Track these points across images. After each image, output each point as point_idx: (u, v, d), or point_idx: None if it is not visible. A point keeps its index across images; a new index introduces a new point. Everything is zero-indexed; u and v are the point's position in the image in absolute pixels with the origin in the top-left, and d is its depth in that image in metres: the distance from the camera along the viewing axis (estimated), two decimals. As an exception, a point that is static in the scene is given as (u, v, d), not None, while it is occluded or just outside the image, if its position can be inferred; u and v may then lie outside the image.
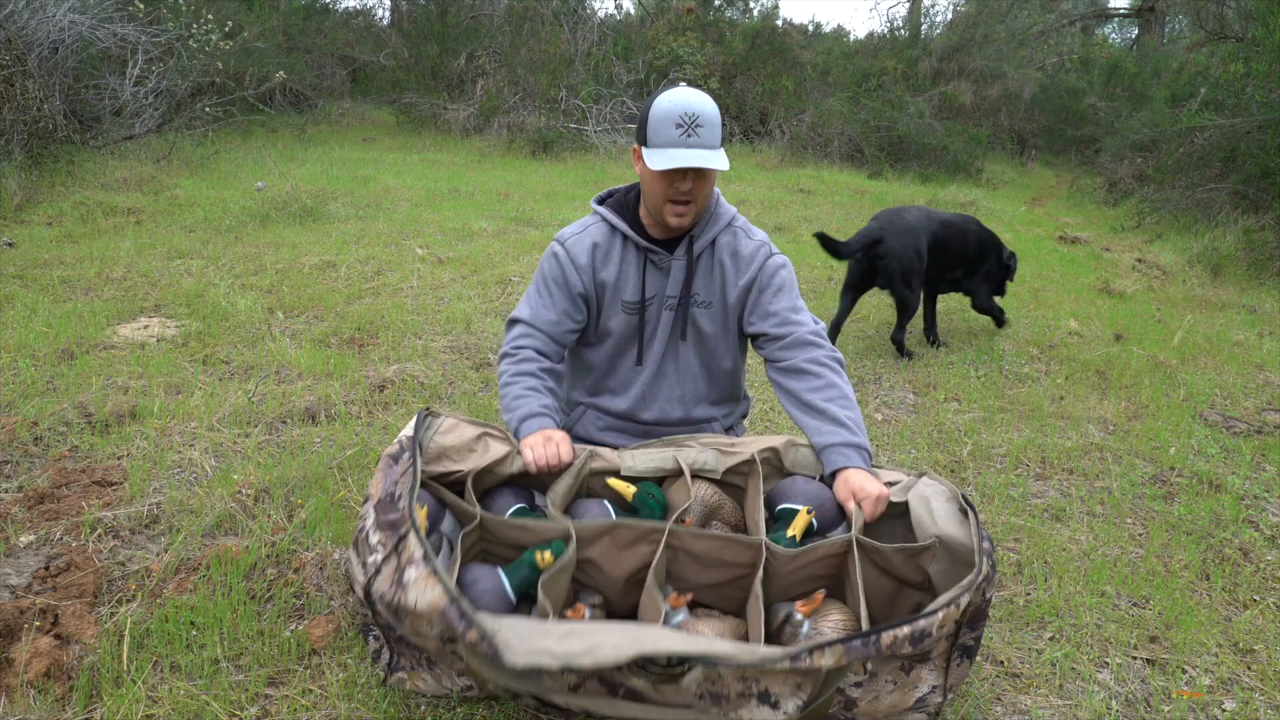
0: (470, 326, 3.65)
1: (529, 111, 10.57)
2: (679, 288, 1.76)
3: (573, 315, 1.79)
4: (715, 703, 1.28)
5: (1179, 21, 18.08)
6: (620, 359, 1.84)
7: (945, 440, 2.87)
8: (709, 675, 1.27)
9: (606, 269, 1.76)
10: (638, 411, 1.85)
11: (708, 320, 1.80)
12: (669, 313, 1.78)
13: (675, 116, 1.58)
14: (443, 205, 6.47)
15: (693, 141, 1.58)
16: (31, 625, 1.58)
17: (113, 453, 2.33)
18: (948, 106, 12.63)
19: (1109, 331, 4.32)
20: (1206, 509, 2.45)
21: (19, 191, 5.28)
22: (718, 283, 1.78)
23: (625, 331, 1.80)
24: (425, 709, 1.50)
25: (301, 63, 11.62)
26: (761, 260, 1.78)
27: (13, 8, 6.38)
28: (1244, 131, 7.30)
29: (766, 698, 1.27)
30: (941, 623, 1.27)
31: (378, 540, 1.38)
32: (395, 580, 1.33)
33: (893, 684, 1.37)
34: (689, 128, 1.58)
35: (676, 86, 1.64)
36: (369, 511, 1.44)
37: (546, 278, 1.79)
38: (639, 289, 1.77)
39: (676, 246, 1.77)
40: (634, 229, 1.77)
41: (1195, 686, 1.70)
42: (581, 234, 1.79)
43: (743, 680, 1.27)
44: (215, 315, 3.51)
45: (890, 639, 1.24)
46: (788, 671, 1.25)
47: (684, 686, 1.27)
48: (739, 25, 13.40)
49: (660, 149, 1.59)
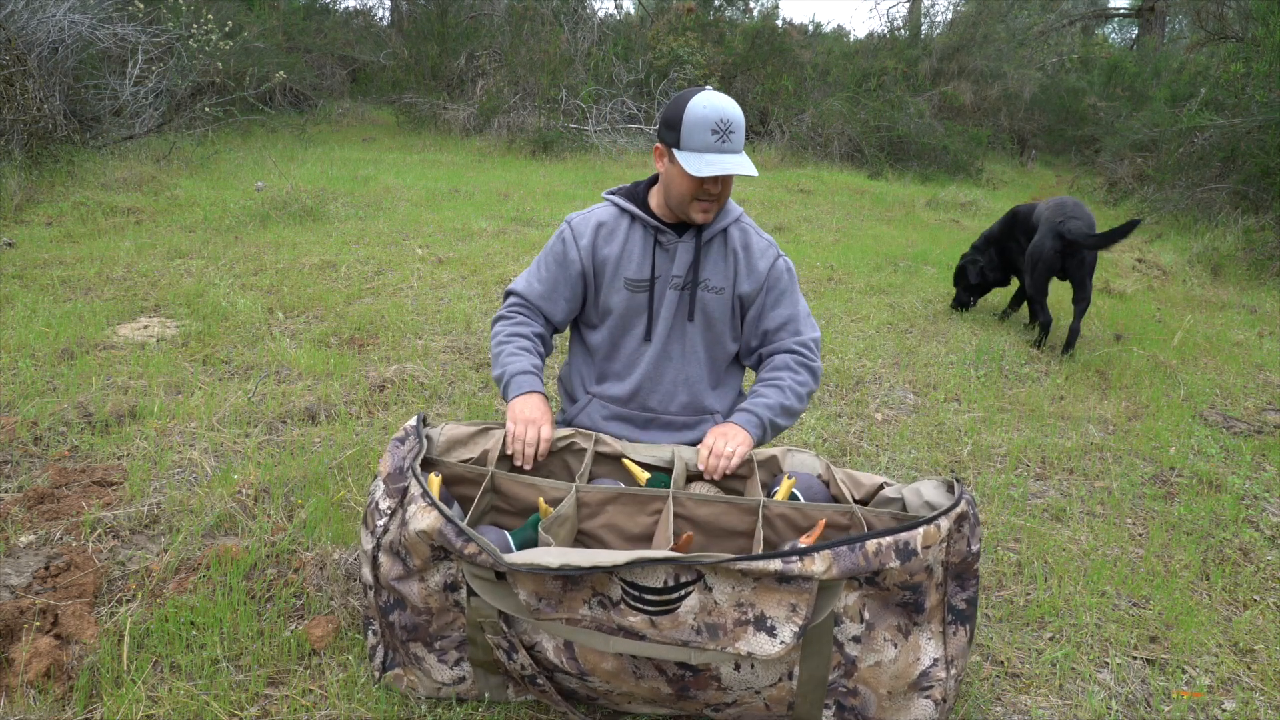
0: (470, 326, 3.65)
1: (529, 111, 10.57)
2: (685, 269, 1.80)
3: (563, 291, 1.85)
4: (712, 635, 1.30)
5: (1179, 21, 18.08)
6: (623, 339, 1.87)
7: (945, 440, 2.87)
8: (705, 604, 1.30)
9: (609, 246, 1.82)
10: (642, 395, 1.86)
11: (717, 306, 1.84)
12: (674, 292, 1.81)
13: (711, 122, 1.63)
14: (443, 205, 6.47)
15: (727, 147, 1.64)
16: (31, 625, 1.58)
17: (113, 453, 2.33)
18: (948, 106, 12.63)
19: (1109, 331, 4.32)
20: (1206, 509, 2.45)
21: (19, 191, 5.28)
22: (731, 270, 1.84)
23: (627, 310, 1.83)
24: (425, 709, 1.50)
25: (301, 63, 11.62)
26: (772, 260, 1.85)
27: (13, 8, 6.38)
28: (1244, 131, 7.30)
29: (762, 623, 1.29)
30: (924, 540, 1.31)
31: (386, 505, 1.45)
32: (400, 525, 1.40)
33: (893, 646, 1.38)
34: (724, 134, 1.63)
35: (704, 90, 1.67)
36: (378, 485, 1.49)
37: (548, 253, 1.87)
38: (645, 267, 1.81)
39: (685, 231, 1.82)
40: (643, 211, 1.83)
41: (1195, 686, 1.70)
42: (589, 214, 1.87)
43: (738, 606, 1.29)
44: (215, 315, 3.51)
45: (875, 546, 1.30)
46: (780, 588, 1.28)
47: (680, 618, 1.30)
48: (739, 25, 13.40)
49: (696, 153, 1.64)
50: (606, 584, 1.32)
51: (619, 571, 1.28)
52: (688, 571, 1.30)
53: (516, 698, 1.51)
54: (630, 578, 1.30)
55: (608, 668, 1.36)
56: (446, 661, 1.47)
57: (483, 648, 1.44)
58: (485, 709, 1.51)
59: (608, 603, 1.32)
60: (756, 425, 1.73)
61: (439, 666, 1.47)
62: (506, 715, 1.51)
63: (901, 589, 1.36)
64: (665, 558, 1.26)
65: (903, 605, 1.38)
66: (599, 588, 1.32)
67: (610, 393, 1.88)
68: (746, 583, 1.30)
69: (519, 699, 1.51)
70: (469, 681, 1.49)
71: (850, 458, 2.71)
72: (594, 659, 1.36)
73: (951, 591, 1.40)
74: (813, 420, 2.96)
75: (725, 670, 1.34)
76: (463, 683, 1.48)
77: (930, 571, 1.36)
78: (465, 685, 1.49)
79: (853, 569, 1.29)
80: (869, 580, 1.35)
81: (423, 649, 1.47)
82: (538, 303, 1.86)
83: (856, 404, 3.15)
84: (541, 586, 1.32)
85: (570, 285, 1.85)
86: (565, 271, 1.84)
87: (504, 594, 1.35)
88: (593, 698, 1.46)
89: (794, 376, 1.80)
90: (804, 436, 2.83)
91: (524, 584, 1.32)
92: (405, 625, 1.46)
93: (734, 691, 1.37)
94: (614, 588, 1.32)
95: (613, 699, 1.44)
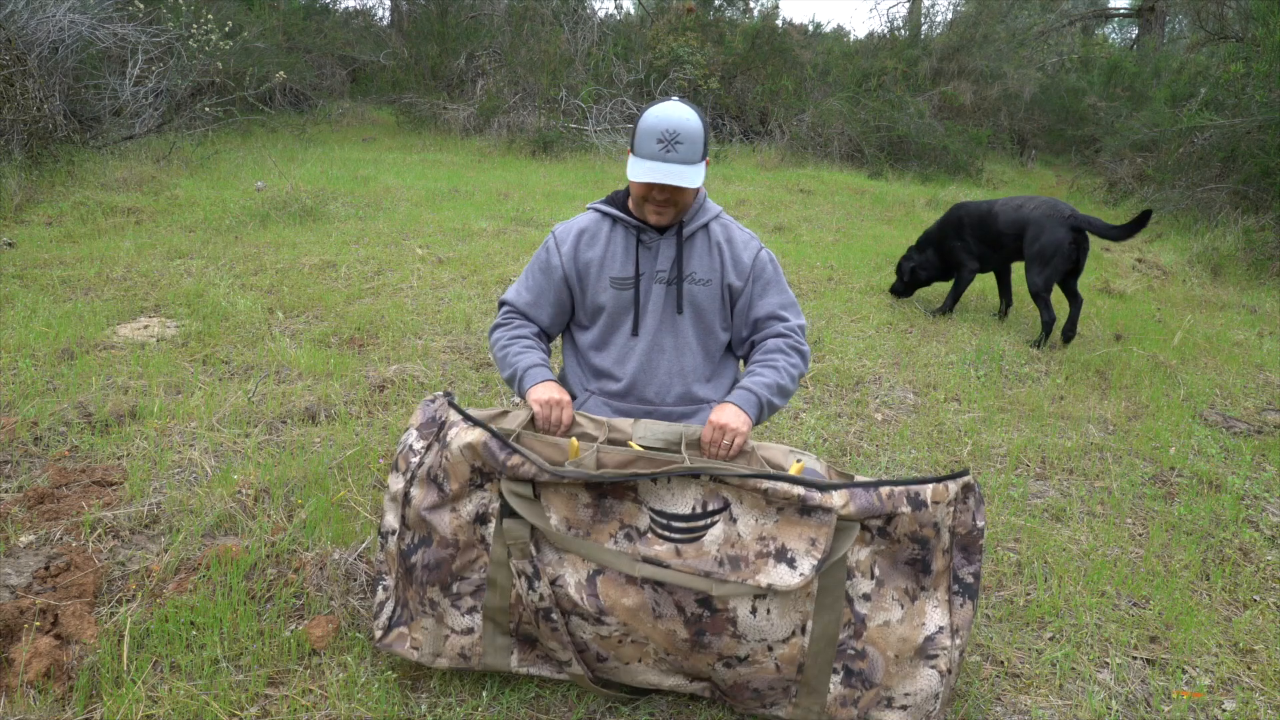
0: (470, 326, 3.65)
1: (529, 111, 10.57)
2: (668, 263, 1.87)
3: (549, 298, 1.92)
4: (734, 567, 1.36)
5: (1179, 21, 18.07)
6: (613, 334, 1.92)
7: (945, 440, 2.87)
8: (729, 536, 1.37)
9: (592, 250, 1.89)
10: (639, 388, 1.90)
11: (706, 297, 1.90)
12: (660, 286, 1.88)
13: (658, 132, 1.71)
14: (443, 205, 6.47)
15: (670, 157, 1.72)
16: (31, 625, 1.58)
17: (113, 453, 2.33)
18: (948, 106, 12.62)
19: (1109, 331, 4.32)
20: (1206, 509, 2.45)
21: (19, 191, 5.28)
22: (717, 262, 1.90)
23: (616, 306, 1.89)
24: (425, 709, 1.50)
25: (301, 63, 11.61)
26: (755, 251, 1.93)
27: (13, 8, 6.38)
28: (1244, 131, 7.29)
29: (783, 554, 1.36)
30: (934, 496, 1.38)
31: (420, 445, 1.50)
32: (440, 450, 1.46)
33: (900, 607, 1.41)
34: (669, 143, 1.71)
35: (669, 100, 1.76)
36: (410, 434, 1.54)
37: (534, 263, 1.95)
38: (628, 265, 1.87)
39: (667, 230, 1.89)
40: (624, 214, 1.90)
41: (1195, 686, 1.70)
42: (572, 223, 1.94)
43: (760, 540, 1.37)
44: (215, 315, 3.51)
45: (888, 491, 1.38)
46: (801, 520, 1.36)
47: (705, 548, 1.38)
48: (739, 25, 13.38)
49: (641, 160, 1.74)
50: (635, 514, 1.39)
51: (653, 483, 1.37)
52: (715, 499, 1.37)
53: (519, 666, 1.52)
54: (659, 505, 1.38)
55: (628, 603, 1.39)
56: (460, 608, 1.49)
57: (501, 590, 1.46)
58: (485, 709, 1.51)
59: (634, 534, 1.39)
60: (755, 404, 1.75)
61: (452, 612, 1.49)
62: (507, 715, 1.51)
63: (911, 541, 1.40)
64: (698, 468, 1.35)
65: (911, 564, 1.42)
66: (627, 519, 1.39)
67: (607, 388, 1.92)
68: (770, 514, 1.37)
69: (521, 669, 1.52)
70: (476, 635, 1.50)
71: (850, 458, 2.71)
72: (615, 594, 1.39)
73: (958, 563, 1.44)
74: (813, 420, 2.96)
75: (742, 612, 1.38)
76: (470, 634, 1.49)
77: (938, 530, 1.40)
78: (472, 639, 1.50)
79: (868, 508, 1.35)
80: (880, 532, 1.39)
81: (439, 592, 1.49)
82: (526, 310, 1.93)
83: (856, 404, 3.15)
84: (573, 513, 1.40)
85: (555, 291, 1.91)
86: (549, 279, 1.91)
87: (539, 514, 1.41)
88: (602, 657, 1.47)
89: (786, 359, 1.85)
90: (804, 437, 2.83)
91: (557, 508, 1.40)
92: (427, 564, 1.48)
93: (748, 642, 1.40)
94: (642, 517, 1.39)
95: (623, 654, 1.45)
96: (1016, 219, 4.16)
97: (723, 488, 1.39)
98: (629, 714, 1.53)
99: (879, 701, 1.42)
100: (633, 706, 1.54)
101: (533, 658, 1.52)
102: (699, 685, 1.49)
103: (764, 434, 2.84)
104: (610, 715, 1.53)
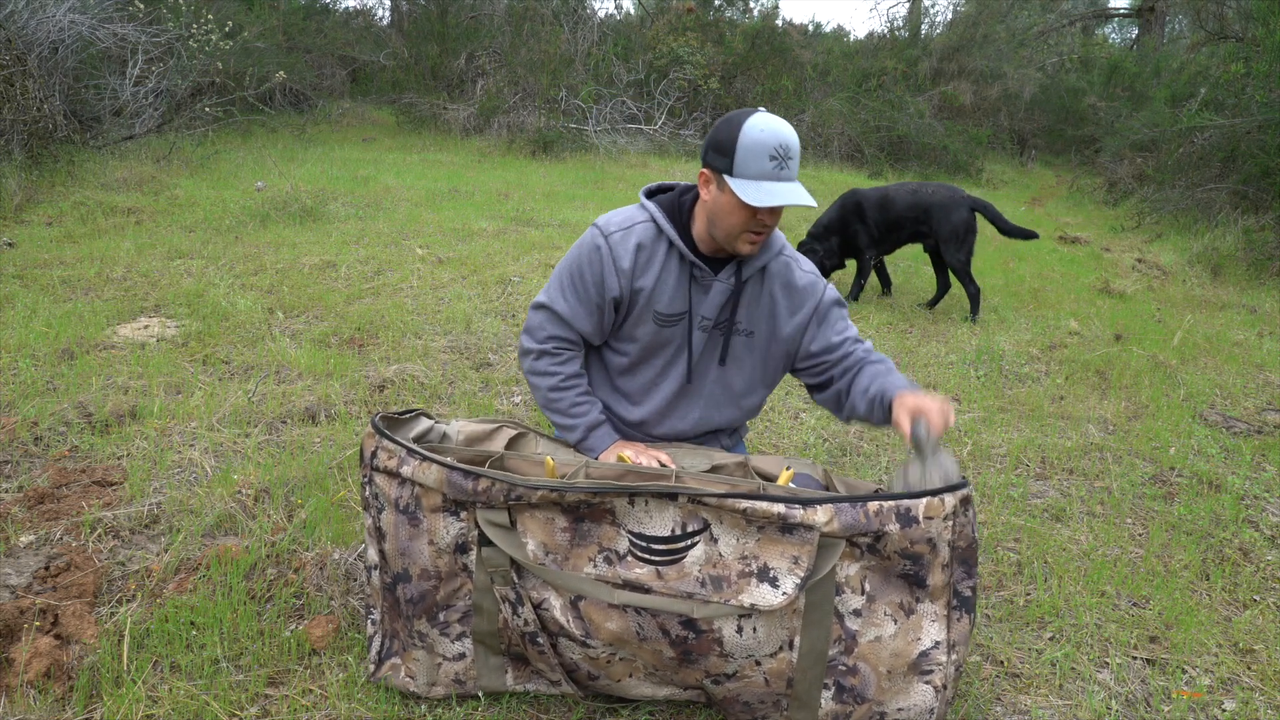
0: (470, 326, 3.65)
1: (529, 111, 10.57)
2: (715, 310, 1.70)
3: (592, 315, 1.71)
4: (717, 588, 1.33)
5: (1179, 21, 18.07)
6: (641, 368, 1.78)
7: (945, 440, 2.87)
8: (710, 556, 1.34)
9: (645, 275, 1.67)
10: (649, 424, 1.81)
11: (745, 349, 1.76)
12: (701, 333, 1.72)
13: (770, 149, 1.51)
14: (443, 205, 6.47)
15: (785, 175, 1.53)
16: (31, 625, 1.58)
17: (113, 453, 2.33)
18: (948, 106, 12.64)
19: (1109, 331, 4.32)
20: (1206, 509, 2.45)
21: (19, 191, 5.28)
22: (765, 313, 1.73)
23: (651, 342, 1.73)
24: (425, 709, 1.50)
25: (301, 63, 11.61)
26: (819, 295, 1.75)
27: (13, 8, 6.38)
28: (1244, 131, 7.30)
29: (765, 574, 1.32)
30: (927, 511, 1.32)
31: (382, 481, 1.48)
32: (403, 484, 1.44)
33: (893, 622, 1.38)
34: (782, 160, 1.52)
35: (759, 111, 1.56)
36: (365, 470, 1.51)
37: (583, 269, 1.68)
38: (676, 302, 1.69)
39: (722, 268, 1.69)
40: (683, 238, 1.68)
41: (1195, 686, 1.70)
42: (628, 230, 1.67)
43: (742, 559, 1.33)
44: (215, 315, 3.51)
45: (876, 507, 1.32)
46: (783, 538, 1.32)
47: (686, 569, 1.34)
48: (739, 25, 13.38)
49: (752, 181, 1.52)
50: (614, 538, 1.36)
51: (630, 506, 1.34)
52: (694, 519, 1.34)
53: (514, 684, 1.51)
54: (637, 528, 1.35)
55: (612, 628, 1.37)
56: (449, 635, 1.48)
57: (488, 616, 1.45)
58: (485, 709, 1.51)
59: (614, 558, 1.36)
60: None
61: (441, 640, 1.48)
62: (507, 716, 1.51)
63: (902, 557, 1.35)
64: (675, 489, 1.31)
65: (904, 578, 1.38)
66: (606, 542, 1.36)
67: (617, 411, 1.82)
68: (751, 533, 1.33)
69: (517, 686, 1.51)
70: (469, 659, 1.49)
71: (850, 458, 2.71)
72: (599, 618, 1.37)
73: (958, 576, 1.40)
74: (813, 420, 2.96)
75: (728, 632, 1.35)
76: (462, 659, 1.49)
77: (934, 547, 1.35)
78: (465, 664, 1.49)
79: (853, 525, 1.31)
80: (870, 549, 1.35)
81: (427, 624, 1.48)
82: (569, 318, 1.71)
83: (856, 404, 3.15)
84: (550, 537, 1.37)
85: (602, 308, 1.70)
86: (600, 294, 1.67)
87: (515, 543, 1.38)
88: (593, 676, 1.47)
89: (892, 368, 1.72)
90: (804, 436, 2.83)
91: (534, 532, 1.37)
92: (411, 598, 1.47)
93: (735, 660, 1.38)
94: (621, 540, 1.36)
95: (612, 672, 1.45)
96: (915, 203, 4.49)
97: (701, 509, 1.35)
98: (628, 714, 1.53)
99: (871, 717, 1.40)
100: (633, 707, 1.54)
101: (528, 674, 1.51)
102: (693, 693, 1.49)
103: (765, 434, 2.84)
104: (609, 716, 1.53)
